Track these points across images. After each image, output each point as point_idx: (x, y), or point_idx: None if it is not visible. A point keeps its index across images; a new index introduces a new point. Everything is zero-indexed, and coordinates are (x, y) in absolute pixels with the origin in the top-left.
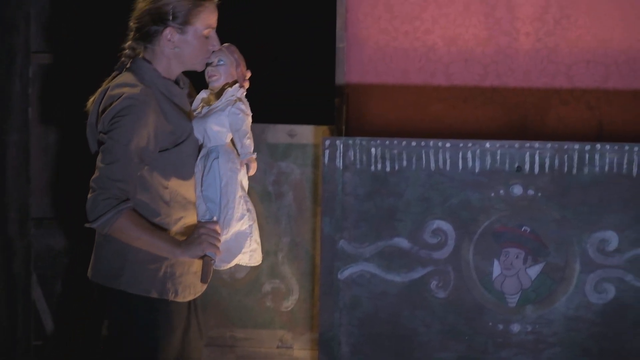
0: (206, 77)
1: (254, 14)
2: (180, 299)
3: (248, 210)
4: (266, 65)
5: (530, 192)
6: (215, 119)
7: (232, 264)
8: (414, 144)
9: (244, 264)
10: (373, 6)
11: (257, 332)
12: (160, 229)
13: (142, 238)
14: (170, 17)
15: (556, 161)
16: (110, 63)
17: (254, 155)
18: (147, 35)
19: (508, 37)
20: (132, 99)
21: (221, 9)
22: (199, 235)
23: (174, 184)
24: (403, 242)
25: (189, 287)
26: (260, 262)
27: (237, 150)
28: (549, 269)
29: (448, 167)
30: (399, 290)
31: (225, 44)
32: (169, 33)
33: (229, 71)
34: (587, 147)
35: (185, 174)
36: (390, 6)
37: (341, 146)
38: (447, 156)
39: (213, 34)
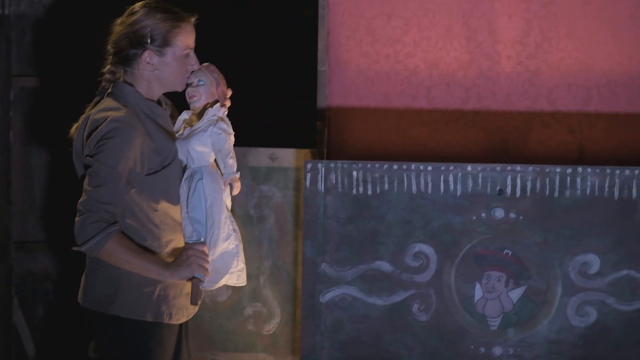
0: (187, 97)
1: (235, 37)
2: (174, 322)
3: (234, 230)
4: (248, 88)
5: (512, 215)
6: (197, 140)
7: (220, 284)
8: (395, 167)
9: (232, 284)
10: (355, 29)
11: (239, 355)
12: (149, 252)
13: (131, 261)
14: (148, 40)
15: (538, 184)
16: (92, 87)
17: (238, 175)
18: (126, 59)
19: (490, 60)
20: (118, 121)
21: (203, 31)
22: (187, 257)
23: (163, 206)
24: (385, 266)
25: (182, 309)
26: (246, 283)
27: (220, 171)
28: (531, 292)
29: (430, 191)
30: (380, 314)
31: (205, 64)
32: (147, 56)
33: (210, 91)
34: (569, 170)
35: (174, 197)
36: (372, 29)
37: (323, 169)
38: (429, 179)
39: (192, 54)
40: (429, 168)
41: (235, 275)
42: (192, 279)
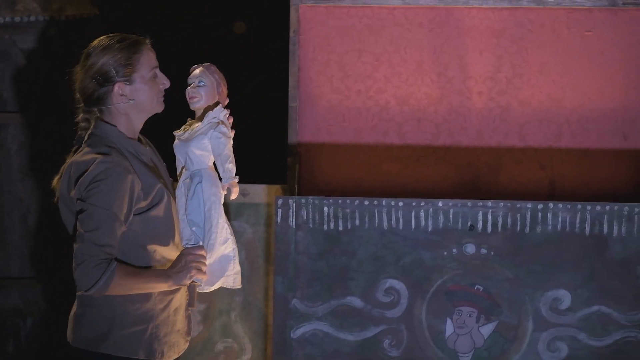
0: (187, 98)
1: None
2: (166, 359)
3: (231, 234)
4: None
5: (483, 250)
6: (197, 143)
7: (216, 286)
8: (366, 202)
9: (228, 287)
10: (325, 65)
11: None
12: (146, 269)
13: (136, 286)
14: (114, 74)
15: (509, 220)
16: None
17: (236, 180)
18: (98, 99)
19: (461, 96)
20: (108, 162)
21: (175, 67)
22: (187, 263)
23: (153, 247)
24: (356, 301)
25: (174, 346)
26: (241, 285)
27: (218, 174)
28: (502, 328)
29: (401, 226)
30: (351, 349)
31: (206, 64)
32: (118, 88)
33: (210, 92)
34: (540, 206)
35: (164, 237)
36: (343, 65)
37: (294, 205)
38: (400, 215)
39: (159, 72)
40: (400, 204)
41: (232, 278)
42: (190, 283)
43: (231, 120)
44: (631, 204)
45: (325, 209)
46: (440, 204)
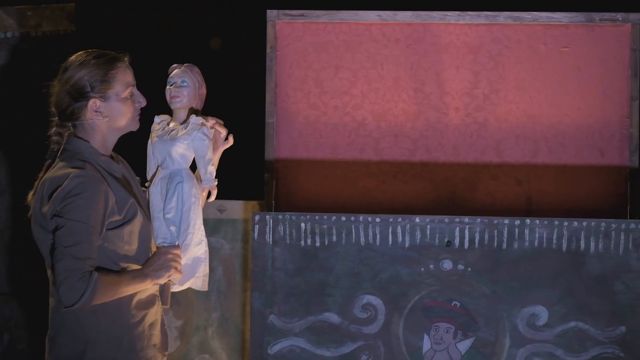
0: (167, 97)
1: None
2: None
3: (204, 236)
4: None
5: (460, 266)
6: (181, 143)
7: (185, 287)
8: (343, 219)
9: (196, 288)
10: (302, 81)
11: None
12: (123, 272)
13: (118, 291)
14: (89, 89)
15: (486, 236)
16: (43, 139)
17: (216, 183)
18: (72, 114)
19: (438, 112)
20: (82, 176)
21: (151, 83)
22: (165, 261)
23: (126, 264)
24: (333, 317)
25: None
26: (207, 288)
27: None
28: (479, 344)
29: (378, 242)
30: None
31: (188, 64)
32: (93, 104)
33: (192, 93)
34: (517, 222)
35: (138, 253)
36: (320, 81)
37: (271, 221)
38: (377, 231)
39: (135, 91)
40: (377, 220)
41: (201, 280)
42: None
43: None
44: (608, 220)
45: (303, 224)
46: (417, 220)
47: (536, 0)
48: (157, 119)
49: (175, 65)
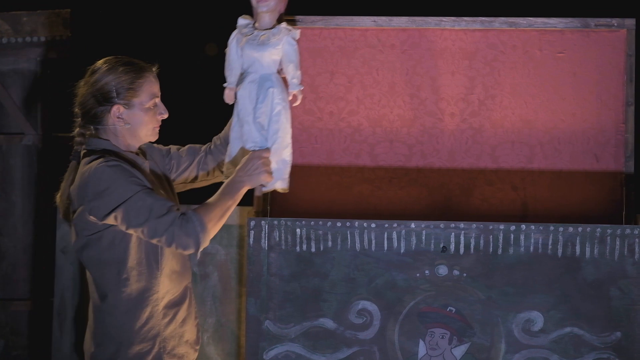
0: (253, 1)
1: (176, 93)
2: None
3: (291, 139)
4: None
5: (456, 272)
6: (273, 48)
7: (273, 188)
8: (339, 224)
9: (280, 189)
10: None
11: None
12: (215, 195)
13: (223, 208)
14: (115, 95)
15: (481, 241)
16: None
17: (302, 88)
18: (95, 117)
19: (433, 117)
20: (109, 164)
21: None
22: (259, 165)
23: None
24: (328, 323)
25: (183, 357)
26: (288, 190)
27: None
28: (475, 350)
29: (373, 248)
30: None
31: None
32: (116, 110)
33: None
34: (512, 228)
35: (146, 245)
36: (315, 87)
37: (266, 227)
38: (373, 237)
39: (159, 102)
40: (373, 225)
41: (286, 182)
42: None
43: None
44: (603, 225)
45: (298, 230)
46: (412, 225)
47: (532, 5)
48: (241, 20)
49: None
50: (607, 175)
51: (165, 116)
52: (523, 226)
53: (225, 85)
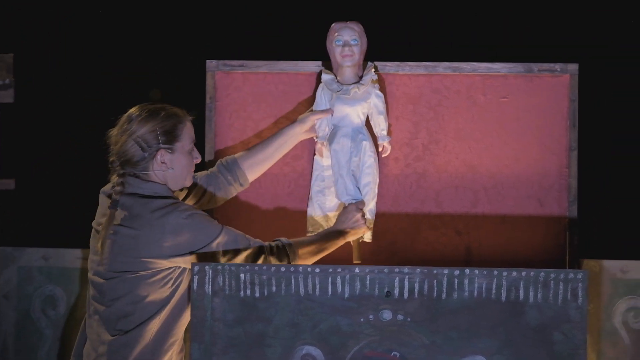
0: (338, 57)
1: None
2: None
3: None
4: None
5: (400, 317)
6: (364, 102)
7: (360, 240)
8: (283, 269)
9: (367, 240)
10: (242, 131)
11: None
12: (316, 236)
13: (318, 251)
14: (158, 140)
15: (425, 286)
16: None
17: (390, 139)
18: (137, 164)
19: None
20: (185, 208)
21: (91, 134)
22: (358, 219)
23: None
24: None
25: None
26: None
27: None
28: None
29: (317, 293)
30: None
31: (351, 21)
32: (160, 155)
33: (361, 50)
34: (457, 272)
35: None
36: (260, 131)
37: (210, 272)
38: (317, 281)
39: (194, 147)
40: (317, 270)
41: (371, 232)
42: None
43: None
44: (547, 270)
45: (242, 275)
46: (357, 270)
47: (475, 50)
48: (325, 76)
49: (338, 23)
50: (551, 219)
51: (199, 160)
52: (467, 271)
53: (317, 139)
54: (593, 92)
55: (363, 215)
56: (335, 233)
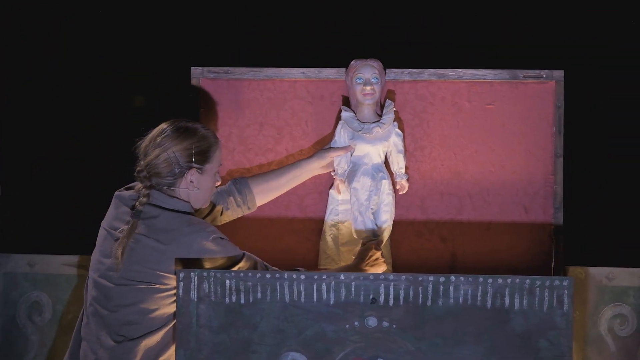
0: (359, 95)
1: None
2: None
3: None
4: None
5: (385, 323)
6: (385, 140)
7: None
8: (268, 276)
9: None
10: (227, 138)
11: None
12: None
13: None
14: (192, 159)
15: (411, 293)
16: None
17: (407, 177)
18: (165, 178)
19: None
20: (214, 232)
21: (79, 147)
22: (378, 257)
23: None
24: None
25: None
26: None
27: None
28: None
29: (303, 299)
30: None
31: (371, 59)
32: (190, 174)
33: (381, 88)
34: (442, 279)
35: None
36: (244, 138)
37: (195, 278)
38: (302, 288)
39: (218, 170)
40: (302, 277)
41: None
42: None
43: None
44: (532, 276)
45: (227, 282)
46: (342, 277)
47: (460, 57)
48: (345, 113)
49: (358, 60)
50: (536, 226)
51: (220, 183)
52: (452, 277)
53: (335, 175)
54: (579, 98)
55: (382, 254)
56: (355, 270)
